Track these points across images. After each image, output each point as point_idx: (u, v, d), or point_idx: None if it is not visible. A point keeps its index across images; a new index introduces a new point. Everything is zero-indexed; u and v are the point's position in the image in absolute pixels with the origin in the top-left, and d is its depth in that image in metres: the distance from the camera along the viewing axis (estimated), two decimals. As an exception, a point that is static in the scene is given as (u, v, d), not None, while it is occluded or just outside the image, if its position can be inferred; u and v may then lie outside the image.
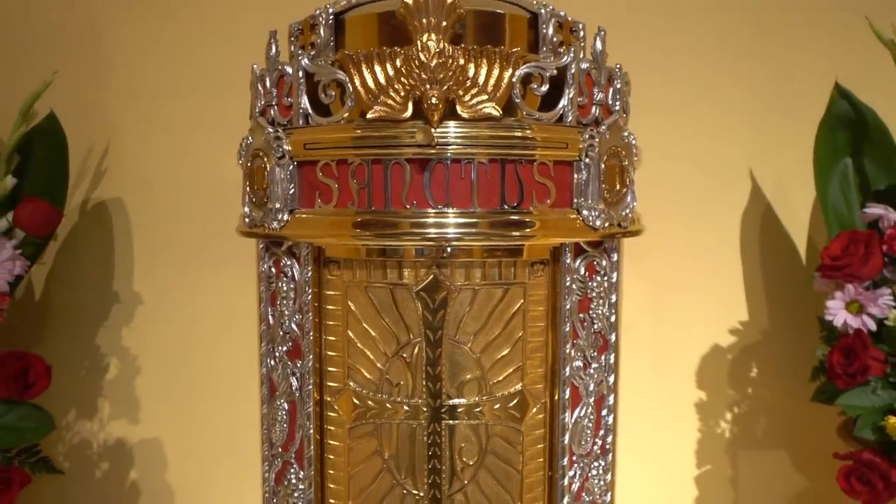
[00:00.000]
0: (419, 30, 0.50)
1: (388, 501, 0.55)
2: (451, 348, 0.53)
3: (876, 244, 0.68)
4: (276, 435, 0.59)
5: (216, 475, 0.98)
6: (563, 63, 0.52)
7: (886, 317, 0.67)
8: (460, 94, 0.49)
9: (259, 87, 0.58)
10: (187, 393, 0.97)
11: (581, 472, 0.57)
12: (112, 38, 0.91)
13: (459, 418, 0.54)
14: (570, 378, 0.55)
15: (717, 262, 0.99)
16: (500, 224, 0.51)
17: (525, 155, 0.51)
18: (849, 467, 0.66)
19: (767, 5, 0.93)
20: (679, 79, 0.95)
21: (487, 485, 0.55)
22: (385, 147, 0.50)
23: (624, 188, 0.56)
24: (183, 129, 0.93)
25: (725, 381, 1.01)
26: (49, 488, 0.96)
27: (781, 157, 0.94)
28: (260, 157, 0.55)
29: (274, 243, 0.57)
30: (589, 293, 0.56)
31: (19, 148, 0.78)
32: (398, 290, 0.53)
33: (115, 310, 0.96)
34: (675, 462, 1.03)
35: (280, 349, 0.58)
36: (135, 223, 0.95)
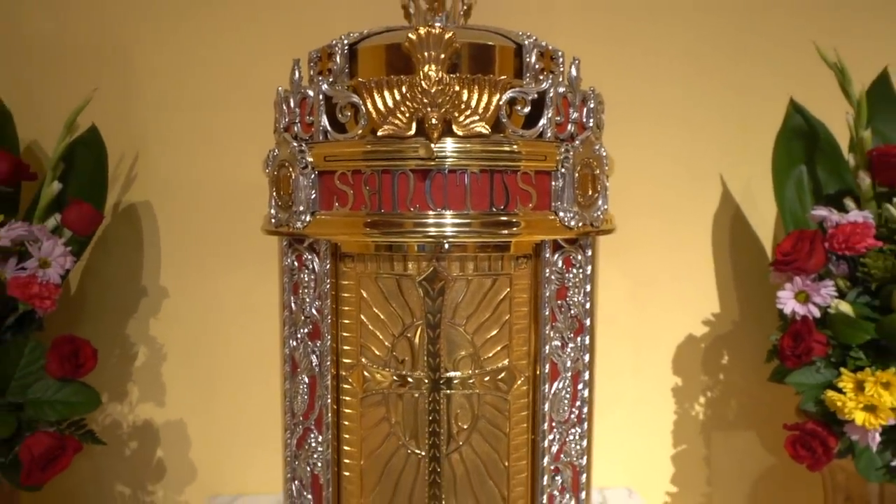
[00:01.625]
0: (421, 61, 0.59)
1: (394, 460, 0.65)
2: (448, 329, 0.63)
3: (819, 242, 0.77)
4: (297, 406, 0.68)
5: (234, 453, 1.06)
6: (542, 88, 0.62)
7: (829, 305, 0.76)
8: (456, 115, 0.59)
9: (283, 106, 0.67)
10: (208, 378, 1.05)
11: (559, 436, 0.67)
12: (142, 58, 0.99)
13: (455, 389, 0.63)
14: (550, 355, 0.65)
15: (691, 259, 1.08)
16: (490, 224, 0.61)
17: (511, 166, 0.61)
18: (795, 436, 0.76)
19: (735, 33, 1.02)
20: (656, 96, 1.03)
21: (479, 446, 0.65)
22: (392, 160, 0.60)
23: (595, 193, 0.66)
24: (205, 140, 1.01)
25: (699, 367, 1.10)
26: (84, 465, 1.04)
27: (748, 165, 1.03)
28: (286, 167, 0.65)
29: (297, 240, 0.66)
30: (566, 283, 0.65)
31: (64, 157, 0.87)
32: (403, 280, 0.62)
33: (143, 302, 1.04)
34: (654, 442, 1.11)
35: (301, 331, 0.67)
36: (161, 224, 1.03)
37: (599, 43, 1.02)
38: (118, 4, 0.98)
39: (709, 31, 1.02)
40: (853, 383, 0.71)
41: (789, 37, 0.96)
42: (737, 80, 1.02)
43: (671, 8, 1.03)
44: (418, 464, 0.64)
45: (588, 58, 0.97)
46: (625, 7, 1.02)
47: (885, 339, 0.73)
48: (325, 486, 0.66)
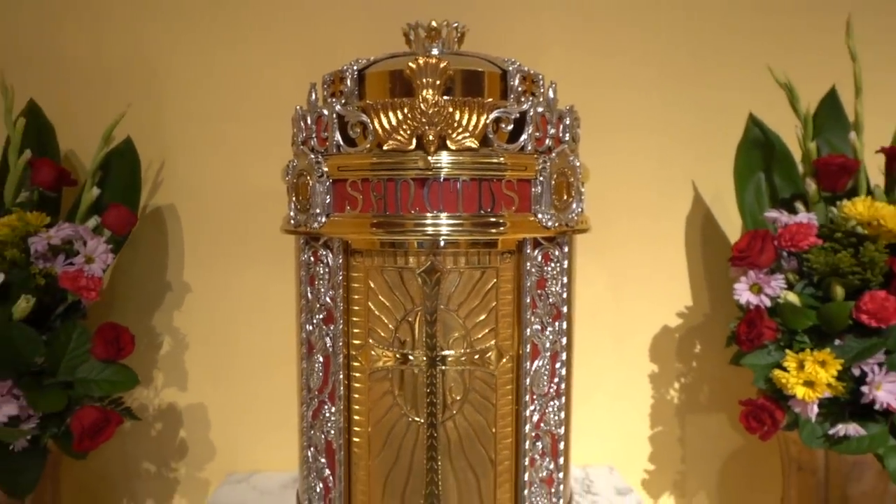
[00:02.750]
0: (420, 86, 0.70)
1: (397, 427, 0.75)
2: (443, 314, 0.73)
3: (770, 240, 0.88)
4: (313, 382, 0.79)
5: (250, 433, 1.16)
6: (523, 109, 0.72)
7: (779, 296, 0.87)
8: (449, 132, 0.69)
9: (301, 123, 0.78)
10: (226, 365, 1.15)
11: (539, 407, 0.77)
12: (169, 76, 1.09)
13: (449, 365, 0.74)
14: (531, 337, 0.75)
15: (666, 257, 1.18)
16: (479, 224, 0.71)
17: (496, 175, 0.71)
18: (747, 410, 0.86)
19: (702, 55, 1.12)
20: (635, 111, 1.14)
21: (470, 414, 0.75)
22: (396, 170, 0.70)
23: (570, 198, 0.76)
24: (224, 150, 1.11)
25: (674, 355, 1.20)
26: (114, 445, 1.14)
27: (716, 172, 1.12)
28: (304, 175, 0.75)
29: (313, 239, 0.77)
30: (545, 275, 0.76)
31: (101, 165, 0.98)
32: (405, 272, 0.73)
33: (168, 296, 1.14)
34: (632, 424, 1.21)
35: (317, 318, 0.77)
36: (185, 225, 1.13)
37: (583, 64, 1.12)
38: (148, 28, 1.09)
39: (680, 54, 1.13)
40: (796, 363, 0.82)
41: (749, 58, 1.06)
42: (705, 97, 1.12)
43: (646, 33, 1.13)
44: (418, 430, 0.75)
45: (572, 77, 1.09)
46: (605, 33, 1.13)
47: (824, 325, 0.83)
48: (338, 450, 0.77)
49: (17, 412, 0.78)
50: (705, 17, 1.13)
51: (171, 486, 1.17)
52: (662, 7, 1.13)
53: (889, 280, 0.82)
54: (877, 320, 0.78)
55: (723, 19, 1.13)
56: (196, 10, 1.09)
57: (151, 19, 1.09)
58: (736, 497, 1.21)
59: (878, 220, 0.82)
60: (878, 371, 0.78)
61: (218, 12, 1.09)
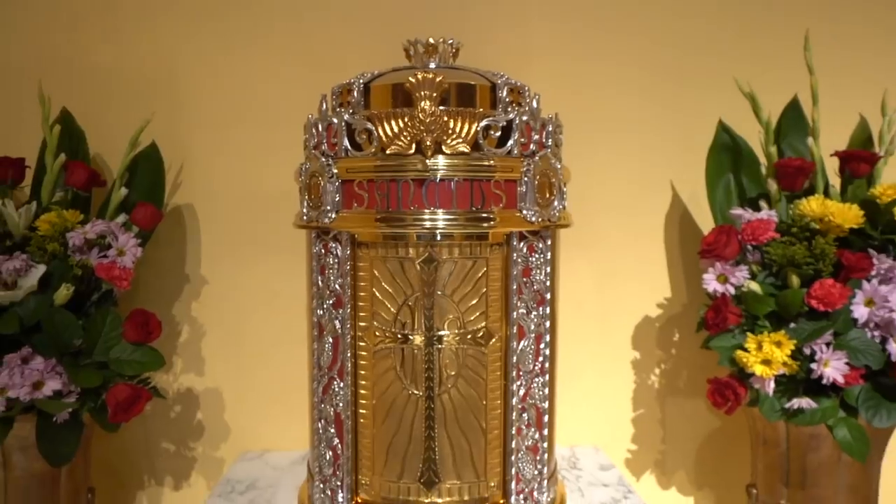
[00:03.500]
0: (419, 98, 0.79)
1: (399, 399, 0.85)
2: (439, 299, 0.83)
3: (734, 235, 0.97)
4: (323, 360, 0.88)
5: (262, 415, 1.25)
6: (510, 117, 0.82)
7: (742, 285, 0.96)
8: (444, 139, 0.79)
9: (313, 130, 0.87)
10: (240, 352, 1.24)
11: (525, 383, 0.87)
12: (187, 85, 1.18)
13: (445, 344, 0.83)
14: (517, 320, 0.85)
15: (647, 252, 1.27)
16: (471, 219, 0.81)
17: (486, 176, 0.81)
18: (714, 387, 0.95)
19: (678, 67, 1.21)
20: (617, 118, 1.23)
21: (463, 388, 0.84)
22: (397, 171, 0.80)
23: (552, 196, 0.86)
24: (238, 154, 1.21)
25: (654, 343, 1.29)
26: (137, 426, 1.24)
27: (693, 174, 1.20)
28: (316, 176, 0.85)
29: (323, 232, 0.86)
30: (529, 265, 0.85)
31: (129, 168, 1.07)
32: (405, 262, 0.82)
33: (187, 288, 1.23)
34: (616, 407, 1.30)
35: (327, 303, 0.87)
36: (202, 223, 1.22)
37: (569, 71, 1.22)
38: (169, 43, 1.18)
39: (659, 65, 1.22)
40: (755, 344, 0.91)
41: (722, 70, 1.15)
42: (682, 105, 1.22)
43: (629, 45, 1.22)
44: (417, 402, 0.84)
45: (559, 83, 1.19)
46: (588, 47, 1.22)
47: (781, 310, 0.93)
48: (345, 421, 0.86)
49: (61, 387, 0.87)
50: (683, 33, 1.22)
51: (188, 464, 1.26)
52: (644, 22, 1.22)
53: (838, 270, 0.91)
54: (824, 305, 0.87)
55: (699, 35, 1.22)
56: (214, 26, 1.19)
57: (173, 35, 1.18)
58: (712, 474, 1.31)
59: (828, 217, 0.91)
60: (826, 350, 0.88)
61: (234, 28, 1.19)
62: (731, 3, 1.22)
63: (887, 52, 1.23)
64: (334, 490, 0.87)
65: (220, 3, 1.19)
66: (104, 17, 1.18)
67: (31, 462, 0.95)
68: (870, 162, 0.98)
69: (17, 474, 0.95)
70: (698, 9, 1.22)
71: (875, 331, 0.88)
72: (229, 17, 1.19)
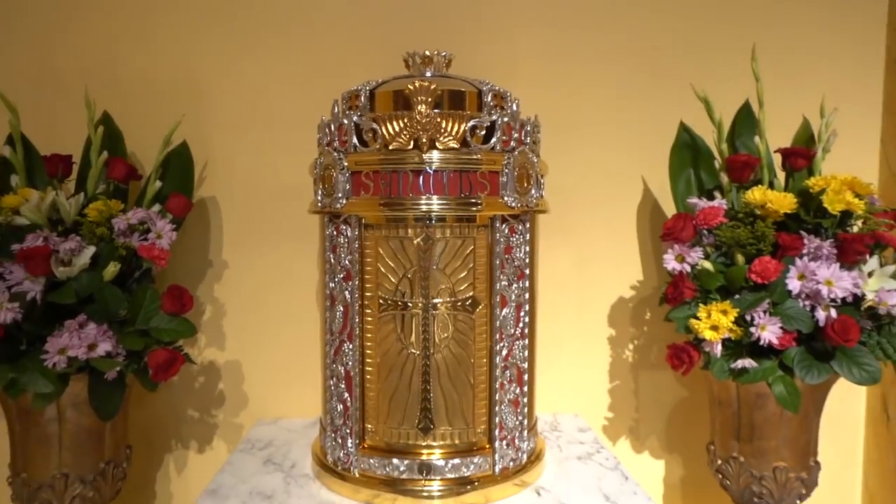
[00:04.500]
0: (416, 102, 0.95)
1: (399, 358, 0.99)
2: (434, 272, 0.98)
3: (689, 220, 1.12)
4: (335, 326, 1.03)
5: (276, 386, 1.40)
6: (493, 119, 0.97)
7: (697, 264, 1.11)
8: (438, 136, 0.94)
9: (326, 129, 1.02)
10: (257, 329, 1.39)
11: (508, 345, 1.01)
12: (211, 90, 1.33)
13: (439, 310, 0.98)
14: (500, 291, 1.00)
15: (621, 239, 1.42)
16: (461, 204, 0.96)
17: (473, 168, 0.96)
18: (672, 351, 1.10)
19: (647, 75, 1.36)
20: (595, 120, 1.38)
21: (454, 348, 0.99)
22: (398, 164, 0.95)
23: (530, 186, 1.01)
24: (256, 151, 1.36)
25: (628, 321, 1.44)
26: (164, 395, 1.39)
27: (662, 168, 1.34)
28: (329, 169, 1.00)
29: (335, 216, 1.01)
30: (510, 244, 1.00)
31: (162, 163, 1.22)
32: (405, 241, 0.97)
33: (210, 271, 1.38)
34: (594, 379, 1.45)
35: (338, 276, 1.02)
36: (223, 213, 1.37)
37: (550, 82, 1.37)
38: (195, 51, 1.33)
39: (632, 70, 1.37)
40: (706, 313, 1.06)
41: (686, 77, 1.29)
42: (651, 109, 1.36)
43: (602, 58, 1.37)
44: (415, 360, 0.99)
45: (541, 93, 1.35)
46: (568, 57, 1.37)
47: (728, 284, 1.08)
48: (354, 377, 1.01)
49: (111, 349, 1.02)
50: (652, 46, 1.38)
51: (210, 429, 1.41)
52: (617, 36, 1.38)
53: (776, 249, 1.06)
54: (762, 278, 1.02)
55: (665, 48, 1.38)
56: (235, 39, 1.34)
57: (199, 47, 1.33)
58: (679, 438, 1.46)
59: (768, 203, 1.06)
60: (764, 316, 1.02)
61: (252, 41, 1.34)
62: (692, 21, 1.38)
63: (827, 61, 1.38)
64: (344, 437, 1.02)
65: (240, 21, 1.34)
66: (139, 32, 1.33)
67: (81, 417, 1.09)
68: (806, 157, 1.13)
69: (69, 428, 1.09)
70: (665, 25, 1.38)
71: (806, 301, 1.03)
72: (248, 33, 1.34)
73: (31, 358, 1.00)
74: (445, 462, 0.99)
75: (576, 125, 1.39)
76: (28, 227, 1.07)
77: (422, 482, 0.98)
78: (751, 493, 1.16)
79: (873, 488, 1.45)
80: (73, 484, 1.10)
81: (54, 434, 1.09)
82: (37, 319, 1.02)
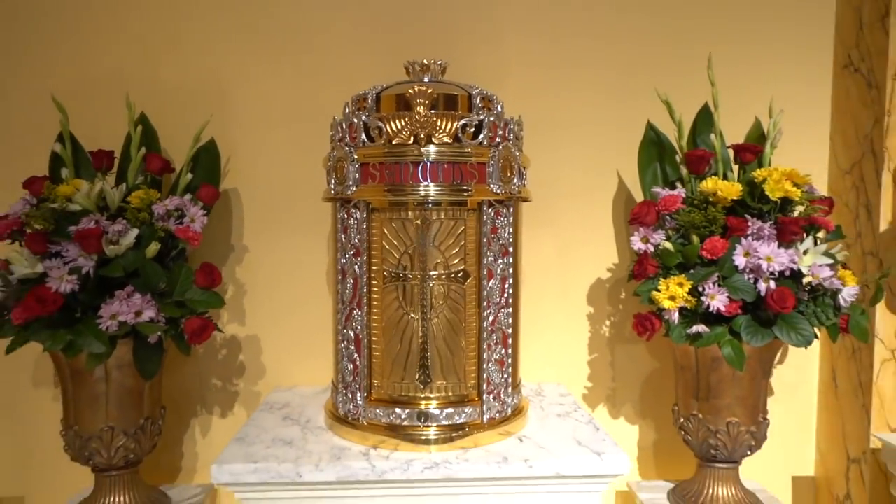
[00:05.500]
0: (415, 104, 1.12)
1: (401, 322, 1.16)
2: (430, 249, 1.15)
3: (653, 206, 1.29)
4: (346, 296, 1.20)
5: (291, 357, 1.57)
6: (480, 118, 1.14)
7: (659, 244, 1.28)
8: (434, 133, 1.11)
9: (339, 127, 1.19)
10: (274, 306, 1.55)
11: (494, 312, 1.18)
12: (233, 94, 1.51)
13: (435, 282, 1.15)
14: (487, 265, 1.17)
15: (599, 227, 1.58)
16: (454, 190, 1.13)
17: (464, 159, 1.13)
18: (637, 320, 1.27)
19: (619, 81, 1.54)
20: (575, 120, 1.55)
21: (448, 314, 1.16)
22: (400, 156, 1.12)
23: (513, 175, 1.18)
24: (273, 148, 1.53)
25: (605, 300, 1.61)
26: (191, 365, 1.56)
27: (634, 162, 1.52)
28: (341, 161, 1.17)
29: (346, 202, 1.18)
30: (496, 225, 1.17)
31: (193, 158, 1.39)
32: (406, 222, 1.14)
33: (232, 255, 1.55)
34: (572, 353, 1.61)
35: (349, 253, 1.18)
36: (244, 203, 1.54)
37: (535, 87, 1.54)
38: (220, 59, 1.50)
39: (608, 75, 1.55)
40: (665, 286, 1.23)
41: (651, 83, 1.47)
42: (624, 110, 1.53)
43: (582, 65, 1.55)
44: (414, 324, 1.16)
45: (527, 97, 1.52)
46: (551, 64, 1.54)
47: (685, 261, 1.25)
48: (363, 340, 1.18)
49: (154, 315, 1.19)
50: (627, 55, 1.55)
51: (232, 396, 1.58)
52: (595, 44, 1.55)
53: (725, 230, 1.23)
54: (711, 254, 1.19)
55: (637, 58, 1.55)
56: (255, 49, 1.51)
57: (223, 56, 1.51)
58: (651, 405, 1.62)
59: (718, 191, 1.23)
60: (713, 287, 1.19)
61: (270, 51, 1.51)
62: (660, 32, 1.55)
63: (781, 67, 1.55)
64: (354, 392, 1.19)
65: (260, 32, 1.51)
66: (172, 44, 1.50)
67: (125, 378, 1.26)
68: (753, 152, 1.30)
69: (114, 387, 1.26)
70: (636, 36, 1.55)
71: (750, 274, 1.20)
72: (267, 43, 1.51)
73: (85, 323, 1.17)
74: (441, 411, 1.16)
75: (558, 125, 1.56)
76: (80, 212, 1.24)
77: (420, 428, 1.15)
78: (708, 445, 1.33)
79: (824, 449, 1.62)
80: (117, 436, 1.27)
81: (102, 393, 1.26)
82: (90, 291, 1.19)
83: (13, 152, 1.49)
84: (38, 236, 1.19)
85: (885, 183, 1.41)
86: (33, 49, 1.49)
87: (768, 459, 1.60)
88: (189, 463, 1.57)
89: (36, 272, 1.17)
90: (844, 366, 1.53)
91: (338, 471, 1.08)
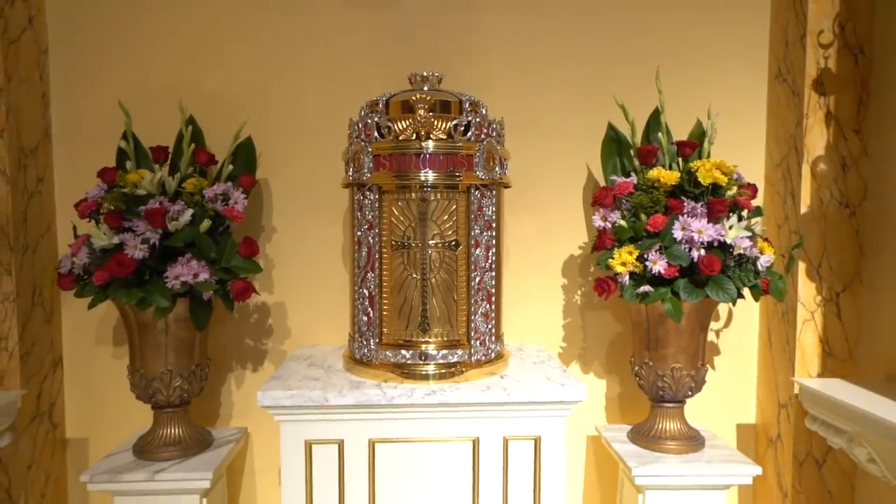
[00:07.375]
0: (417, 108, 1.42)
1: (406, 281, 1.46)
2: (429, 223, 1.44)
3: (610, 191, 1.59)
4: (361, 262, 1.50)
5: (313, 320, 1.86)
6: (469, 120, 1.44)
7: (615, 222, 1.57)
8: (432, 131, 1.41)
9: (356, 126, 1.49)
10: (298, 277, 1.84)
11: (480, 274, 1.48)
12: (268, 99, 1.81)
13: (433, 249, 1.45)
14: (474, 236, 1.46)
15: (571, 212, 1.88)
16: (448, 176, 1.43)
17: (456, 152, 1.43)
18: (597, 283, 1.56)
19: (586, 87, 1.84)
20: (550, 121, 1.85)
21: (444, 275, 1.46)
22: (405, 149, 1.42)
23: (495, 165, 1.48)
24: (298, 145, 1.82)
25: (577, 273, 1.90)
26: (229, 326, 1.85)
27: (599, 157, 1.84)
28: (358, 153, 1.47)
29: (361, 186, 1.47)
30: (482, 205, 1.47)
31: (233, 152, 1.69)
32: (410, 202, 1.44)
33: (262, 234, 1.85)
34: (549, 318, 1.90)
35: (363, 227, 1.48)
36: (273, 190, 1.84)
37: (520, 93, 1.84)
38: (255, 69, 1.80)
39: (580, 82, 1.85)
40: (618, 254, 1.52)
41: (611, 90, 1.77)
42: (593, 111, 1.83)
43: (556, 74, 1.85)
44: (416, 283, 1.45)
45: (510, 101, 1.81)
46: (531, 73, 1.84)
47: (635, 235, 1.54)
48: (375, 296, 1.47)
49: (208, 276, 1.48)
50: (595, 66, 1.84)
51: (262, 354, 1.87)
52: (566, 58, 1.85)
53: (667, 210, 1.53)
54: (654, 228, 1.49)
55: (603, 69, 1.84)
56: (283, 61, 1.81)
57: (259, 68, 1.80)
58: (616, 362, 1.92)
59: (660, 178, 1.53)
60: (656, 255, 1.49)
61: (296, 61, 1.81)
62: (620, 47, 1.85)
63: (722, 76, 1.85)
64: (368, 339, 1.49)
65: (291, 46, 1.81)
66: (216, 57, 1.80)
67: (180, 330, 1.56)
68: (691, 147, 1.60)
69: (172, 338, 1.55)
70: (602, 56, 1.85)
71: (685, 244, 1.49)
72: (294, 56, 1.81)
73: (154, 283, 1.47)
74: (437, 352, 1.45)
75: (538, 124, 1.86)
76: (145, 195, 1.54)
77: (422, 365, 1.45)
78: (657, 388, 1.63)
79: (763, 401, 1.91)
80: (175, 378, 1.56)
81: (162, 342, 1.55)
82: (155, 258, 1.48)
83: (82, 148, 1.78)
84: (115, 214, 1.49)
85: (805, 174, 1.71)
86: (101, 62, 1.79)
87: (717, 410, 1.89)
88: (226, 410, 1.87)
89: (113, 243, 1.47)
90: (777, 327, 1.83)
91: (356, 396, 1.38)
